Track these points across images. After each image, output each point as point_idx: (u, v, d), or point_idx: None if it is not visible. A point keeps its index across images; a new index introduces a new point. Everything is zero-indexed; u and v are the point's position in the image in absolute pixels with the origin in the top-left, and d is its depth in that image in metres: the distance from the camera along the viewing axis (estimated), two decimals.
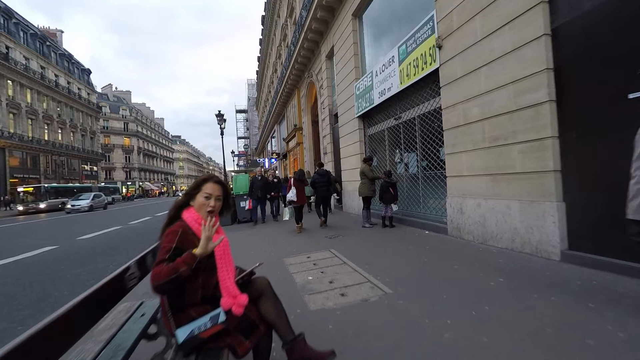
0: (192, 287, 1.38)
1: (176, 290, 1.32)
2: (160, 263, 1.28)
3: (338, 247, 4.87)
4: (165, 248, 1.33)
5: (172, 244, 1.33)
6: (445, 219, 5.17)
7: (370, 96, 7.63)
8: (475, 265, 3.45)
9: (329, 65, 11.38)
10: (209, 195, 1.50)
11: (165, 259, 1.30)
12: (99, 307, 1.13)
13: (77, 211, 21.27)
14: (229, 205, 1.68)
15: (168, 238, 1.35)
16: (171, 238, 1.35)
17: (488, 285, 2.86)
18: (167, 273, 1.23)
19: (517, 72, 3.60)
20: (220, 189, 1.55)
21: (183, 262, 1.27)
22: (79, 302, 0.97)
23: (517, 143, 3.65)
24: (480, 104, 4.18)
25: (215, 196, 1.51)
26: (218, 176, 1.61)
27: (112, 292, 1.27)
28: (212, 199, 1.50)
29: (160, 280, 1.23)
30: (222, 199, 1.56)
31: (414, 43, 5.68)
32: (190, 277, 1.31)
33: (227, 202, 1.63)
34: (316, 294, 3.02)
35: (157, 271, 1.25)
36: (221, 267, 1.44)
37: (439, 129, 5.36)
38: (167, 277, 1.23)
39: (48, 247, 7.47)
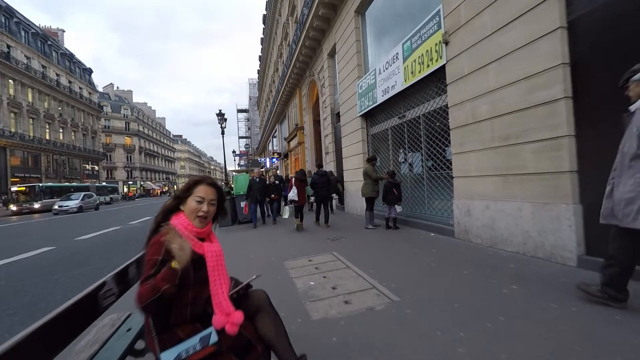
0: (180, 304, 1.22)
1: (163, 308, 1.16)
2: (146, 280, 1.13)
3: (341, 250, 4.71)
4: (151, 262, 1.17)
5: (158, 257, 1.18)
6: (451, 221, 5.00)
7: (373, 94, 7.46)
8: (485, 270, 3.28)
9: (330, 64, 11.21)
10: (201, 199, 1.34)
11: (151, 274, 1.14)
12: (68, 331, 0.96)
13: (65, 212, 20.02)
14: (224, 211, 1.53)
15: (153, 250, 1.20)
16: (156, 249, 1.19)
17: (501, 293, 2.69)
18: (149, 293, 1.08)
19: (529, 67, 3.43)
20: (214, 192, 1.39)
21: (162, 279, 1.11)
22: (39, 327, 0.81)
23: (530, 142, 3.48)
24: (489, 102, 4.01)
25: (208, 200, 1.35)
26: (213, 178, 1.45)
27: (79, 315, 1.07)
28: (205, 204, 1.34)
29: (144, 301, 1.08)
30: (216, 204, 1.41)
31: (419, 39, 5.50)
32: (178, 292, 1.15)
33: (221, 207, 1.48)
34: (318, 301, 2.86)
35: (142, 291, 1.10)
36: (214, 280, 1.29)
37: (445, 127, 5.19)
38: (150, 297, 1.08)
39: (45, 248, 7.35)
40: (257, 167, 8.60)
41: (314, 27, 10.91)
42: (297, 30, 13.26)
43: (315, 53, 12.67)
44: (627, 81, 2.08)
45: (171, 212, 1.35)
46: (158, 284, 1.10)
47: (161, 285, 1.09)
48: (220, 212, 1.50)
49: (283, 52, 20.81)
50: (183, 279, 1.16)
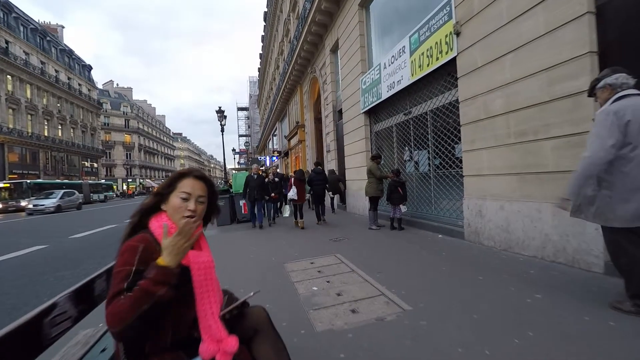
0: (158, 328, 0.97)
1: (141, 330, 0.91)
2: (116, 297, 0.88)
3: (344, 252, 4.47)
4: (122, 274, 0.92)
5: (131, 267, 0.93)
6: (461, 222, 4.75)
7: (377, 90, 7.20)
8: (502, 276, 3.03)
9: (333, 60, 10.95)
10: (187, 195, 1.09)
11: (123, 289, 0.90)
12: None
13: (40, 212, 18.14)
14: (217, 209, 1.28)
15: (123, 258, 0.95)
16: (128, 258, 0.94)
17: (524, 302, 2.44)
18: (129, 308, 0.85)
19: (551, 57, 3.18)
20: (203, 187, 1.14)
21: (153, 282, 0.89)
22: None
23: (550, 138, 3.23)
24: (504, 95, 3.76)
25: (196, 196, 1.10)
26: (201, 171, 1.20)
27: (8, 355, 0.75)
28: (192, 201, 1.09)
29: (121, 323, 0.84)
30: (206, 201, 1.16)
31: (427, 31, 5.24)
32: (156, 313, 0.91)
33: (213, 205, 1.23)
34: (323, 309, 2.62)
35: (115, 310, 0.86)
36: (202, 298, 1.04)
37: (454, 124, 4.93)
38: (132, 313, 0.85)
39: (37, 247, 7.12)
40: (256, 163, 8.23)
41: (316, 22, 10.64)
42: (299, 25, 12.99)
43: (317, 49, 12.40)
44: (593, 89, 2.18)
45: (150, 212, 1.10)
46: (150, 289, 0.88)
47: (155, 290, 0.88)
48: (213, 212, 1.26)
49: (284, 49, 20.52)
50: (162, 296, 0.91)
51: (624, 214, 1.95)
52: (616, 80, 2.05)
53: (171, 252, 0.97)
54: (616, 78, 2.05)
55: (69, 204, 20.71)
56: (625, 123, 1.91)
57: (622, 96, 2.00)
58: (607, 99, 2.08)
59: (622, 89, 2.03)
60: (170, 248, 0.97)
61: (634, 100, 1.96)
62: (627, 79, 2.05)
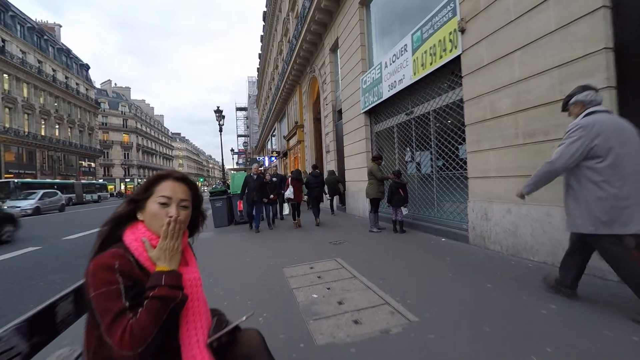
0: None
1: None
2: (121, 317, 0.77)
3: (345, 256, 4.31)
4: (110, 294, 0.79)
5: (118, 284, 0.80)
6: (465, 226, 4.61)
7: (378, 89, 7.06)
8: (512, 284, 2.88)
9: (332, 59, 10.81)
10: (166, 199, 0.93)
11: (125, 307, 0.78)
12: None
13: None
14: (203, 215, 1.12)
15: (100, 278, 0.79)
16: (106, 277, 0.80)
17: (539, 314, 2.29)
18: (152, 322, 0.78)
19: (563, 54, 3.03)
20: (185, 190, 0.99)
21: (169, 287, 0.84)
22: None
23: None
24: (512, 94, 3.61)
25: (177, 201, 0.95)
26: (183, 173, 1.05)
27: None
28: (173, 206, 0.94)
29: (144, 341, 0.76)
30: (190, 206, 1.00)
31: (430, 29, 5.10)
32: None
33: (198, 210, 1.08)
34: (323, 320, 2.46)
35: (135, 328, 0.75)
36: (187, 322, 0.89)
37: (458, 124, 4.79)
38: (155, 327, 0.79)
39: (31, 248, 6.95)
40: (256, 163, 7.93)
41: (316, 21, 10.50)
42: (298, 24, 12.84)
43: (317, 48, 12.26)
44: (566, 105, 2.36)
45: (123, 222, 0.94)
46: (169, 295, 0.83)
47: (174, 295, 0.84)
48: (198, 219, 1.10)
49: (283, 49, 20.38)
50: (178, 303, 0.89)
51: (591, 221, 2.10)
52: (586, 97, 2.21)
53: (166, 258, 0.87)
54: (586, 95, 2.21)
55: (50, 205, 19.33)
56: (593, 137, 2.05)
57: (592, 112, 2.15)
58: (578, 113, 2.24)
59: (592, 105, 2.18)
60: (163, 254, 0.87)
61: (602, 117, 2.10)
62: (595, 96, 2.20)
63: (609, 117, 2.13)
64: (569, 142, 2.13)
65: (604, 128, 2.04)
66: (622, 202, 2.00)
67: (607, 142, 2.02)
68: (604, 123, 2.06)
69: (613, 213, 2.01)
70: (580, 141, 2.07)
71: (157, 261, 0.87)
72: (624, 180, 2.00)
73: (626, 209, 1.99)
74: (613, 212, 2.01)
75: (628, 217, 1.99)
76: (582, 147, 2.07)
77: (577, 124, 2.14)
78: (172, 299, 0.83)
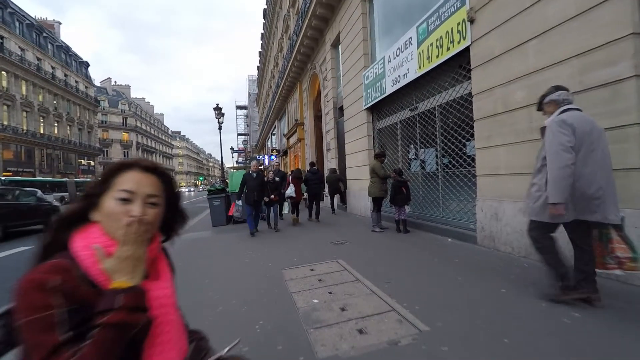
0: None
1: None
2: (54, 357, 0.56)
3: (347, 257, 4.11)
4: (43, 322, 0.58)
5: (53, 310, 0.59)
6: (473, 225, 4.40)
7: (381, 85, 6.84)
8: (528, 289, 2.67)
9: (334, 55, 10.57)
10: (128, 194, 0.72)
11: (63, 342, 0.57)
12: None
13: None
14: (182, 214, 0.91)
15: (29, 301, 0.59)
16: (38, 300, 0.59)
17: (561, 323, 2.08)
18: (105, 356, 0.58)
19: (584, 42, 2.82)
20: (155, 182, 0.78)
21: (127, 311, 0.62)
22: None
23: None
24: (527, 86, 3.40)
25: (143, 196, 0.74)
26: (153, 161, 0.83)
27: None
28: (137, 202, 0.73)
29: None
30: (161, 203, 0.79)
31: (437, 20, 4.88)
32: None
33: (174, 208, 0.87)
34: (325, 328, 2.25)
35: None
36: (152, 355, 0.68)
37: (466, 119, 4.58)
38: None
39: (22, 247, 6.76)
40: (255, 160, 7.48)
41: (317, 16, 10.27)
42: (299, 20, 12.61)
43: (318, 44, 12.02)
44: (541, 104, 2.50)
45: (71, 224, 0.73)
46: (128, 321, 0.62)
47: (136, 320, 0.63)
48: (176, 219, 0.89)
49: (283, 46, 20.13)
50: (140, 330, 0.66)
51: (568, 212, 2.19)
52: (559, 97, 2.35)
53: (125, 270, 0.66)
54: (559, 95, 2.35)
55: None
56: (571, 132, 2.16)
57: (565, 110, 2.28)
58: (552, 112, 2.36)
59: (565, 104, 2.31)
60: (121, 266, 0.66)
61: (575, 114, 2.24)
62: (567, 95, 2.34)
63: (580, 114, 2.25)
64: (563, 137, 2.17)
65: (578, 125, 2.17)
66: (594, 193, 2.13)
67: (579, 137, 2.15)
68: (578, 120, 2.19)
69: (580, 204, 2.17)
70: (563, 133, 2.17)
71: (113, 275, 0.66)
72: (593, 173, 2.14)
73: (596, 199, 2.13)
74: (580, 202, 2.16)
75: (596, 206, 2.14)
76: (568, 136, 2.15)
77: (555, 120, 2.26)
78: (132, 326, 0.62)
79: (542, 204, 2.29)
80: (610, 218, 2.13)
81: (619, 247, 2.13)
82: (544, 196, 2.26)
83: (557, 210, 2.17)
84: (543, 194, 2.28)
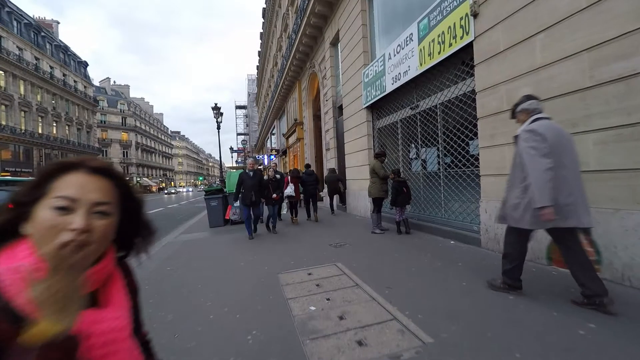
0: None
1: None
2: None
3: (346, 260, 3.96)
4: None
5: None
6: (476, 227, 4.25)
7: (381, 83, 6.69)
8: (538, 296, 2.52)
9: (333, 53, 10.43)
10: (67, 202, 0.57)
11: None
12: None
13: None
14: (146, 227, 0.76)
15: None
16: None
17: (577, 335, 1.94)
18: None
19: (595, 35, 2.67)
20: (106, 187, 0.62)
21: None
22: None
23: (593, 131, 2.73)
24: (534, 82, 3.25)
25: (88, 204, 0.58)
26: (103, 160, 0.68)
27: None
28: (79, 212, 0.57)
29: None
30: (113, 212, 0.64)
31: (439, 15, 4.73)
32: None
33: (135, 218, 0.72)
34: (322, 339, 2.11)
35: None
36: None
37: (469, 117, 4.43)
38: None
39: None
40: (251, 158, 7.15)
41: (316, 13, 10.12)
42: (298, 18, 12.46)
43: (317, 42, 11.88)
44: (514, 113, 2.61)
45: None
46: None
47: None
48: (138, 231, 0.74)
49: (282, 45, 19.98)
50: None
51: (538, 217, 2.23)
52: (529, 106, 2.47)
53: (53, 305, 0.49)
54: (529, 104, 2.47)
55: None
56: (543, 139, 2.23)
57: (537, 119, 2.38)
58: (524, 120, 2.47)
59: (535, 113, 2.42)
60: (48, 300, 0.49)
61: (546, 122, 2.33)
62: (537, 104, 2.46)
63: (550, 123, 2.35)
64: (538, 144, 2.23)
65: (548, 133, 2.25)
66: (566, 199, 2.19)
67: (549, 145, 2.22)
68: (548, 128, 2.28)
69: (556, 210, 2.17)
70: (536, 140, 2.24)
71: (39, 309, 0.50)
72: (565, 179, 2.20)
73: (569, 205, 2.19)
74: (556, 209, 2.16)
75: (569, 212, 2.20)
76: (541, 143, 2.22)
77: (532, 127, 2.33)
78: None
79: (522, 211, 2.33)
80: (584, 222, 2.21)
81: (587, 250, 2.25)
82: (522, 203, 2.32)
83: (546, 213, 2.16)
84: (522, 201, 2.33)
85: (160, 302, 3.00)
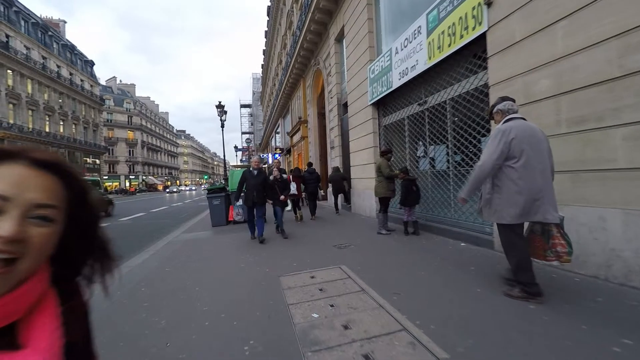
0: None
1: None
2: None
3: (351, 263, 3.77)
4: None
5: None
6: (489, 229, 4.03)
7: (387, 78, 6.47)
8: (562, 307, 2.31)
9: (338, 49, 10.21)
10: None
11: None
12: None
13: None
14: (100, 244, 0.58)
15: None
16: None
17: (610, 352, 1.73)
18: None
19: (625, 20, 2.44)
20: (50, 184, 0.46)
21: None
22: None
23: (622, 125, 2.49)
24: (554, 74, 3.02)
25: (24, 204, 0.42)
26: (47, 151, 0.51)
27: None
28: (10, 216, 0.40)
29: None
30: (58, 218, 0.47)
31: (449, 5, 4.50)
32: None
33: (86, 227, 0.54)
34: (325, 352, 1.93)
35: None
36: None
37: (481, 113, 4.21)
38: None
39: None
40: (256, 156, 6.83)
41: (320, 9, 9.91)
42: (302, 14, 12.26)
43: (321, 39, 11.67)
44: (491, 114, 2.73)
45: None
46: None
47: None
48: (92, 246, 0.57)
49: (287, 43, 19.79)
50: None
51: (512, 213, 2.38)
52: (504, 107, 2.59)
53: None
54: (504, 105, 2.59)
55: None
56: (510, 140, 2.35)
57: (510, 119, 2.49)
58: (500, 120, 2.60)
59: (509, 113, 2.54)
60: None
61: (518, 123, 2.43)
62: (512, 105, 2.57)
63: (523, 123, 2.43)
64: (493, 145, 2.41)
65: (518, 132, 2.34)
66: (535, 195, 2.31)
67: (520, 144, 2.33)
68: (519, 128, 2.37)
69: (526, 206, 2.32)
70: (502, 143, 2.37)
71: None
72: (534, 177, 2.32)
73: (537, 201, 2.31)
74: (526, 205, 2.32)
75: (537, 208, 2.33)
76: (503, 148, 2.36)
77: (498, 129, 2.46)
78: None
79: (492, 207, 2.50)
80: (549, 218, 2.31)
81: (559, 243, 2.33)
82: (494, 199, 2.48)
83: (462, 201, 2.66)
84: (492, 196, 2.50)
85: (154, 307, 2.84)
